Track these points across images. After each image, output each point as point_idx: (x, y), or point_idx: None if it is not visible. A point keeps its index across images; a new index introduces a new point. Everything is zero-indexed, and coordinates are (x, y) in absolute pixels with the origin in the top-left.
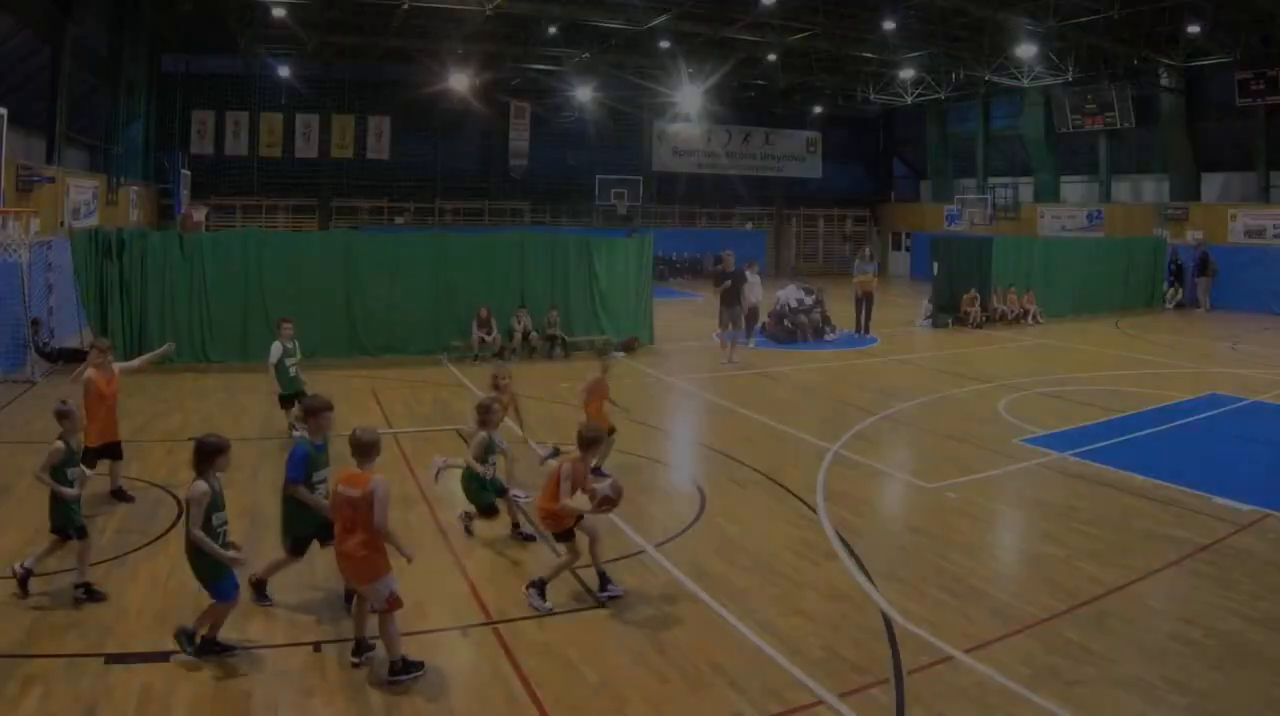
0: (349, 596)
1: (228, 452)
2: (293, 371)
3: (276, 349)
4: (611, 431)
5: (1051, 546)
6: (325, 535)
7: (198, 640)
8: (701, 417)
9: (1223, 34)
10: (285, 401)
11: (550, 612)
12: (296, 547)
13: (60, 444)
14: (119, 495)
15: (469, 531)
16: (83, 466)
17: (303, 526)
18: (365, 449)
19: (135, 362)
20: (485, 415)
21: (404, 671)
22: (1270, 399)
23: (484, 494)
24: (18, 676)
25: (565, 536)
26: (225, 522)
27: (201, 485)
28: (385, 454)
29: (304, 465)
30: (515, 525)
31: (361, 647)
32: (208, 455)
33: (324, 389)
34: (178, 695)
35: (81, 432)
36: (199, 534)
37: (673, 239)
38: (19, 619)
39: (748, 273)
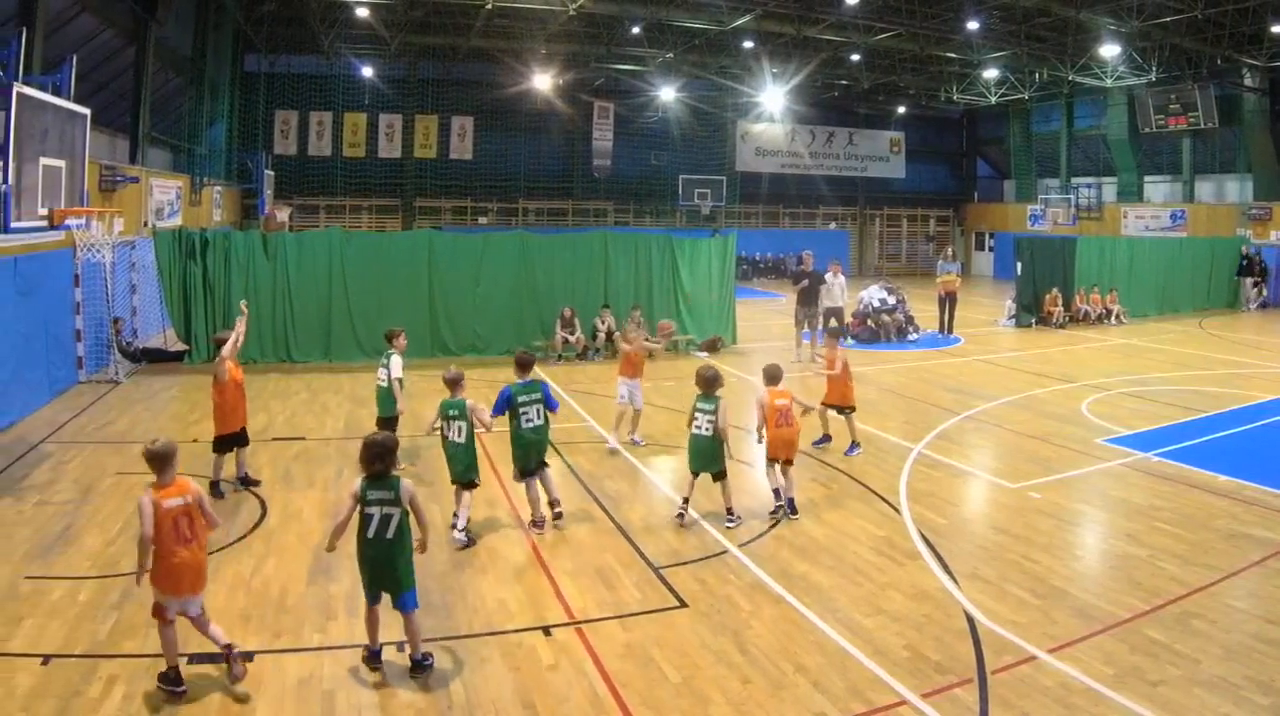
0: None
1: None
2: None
3: (398, 363)
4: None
5: (1134, 546)
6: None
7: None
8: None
9: None
10: (387, 423)
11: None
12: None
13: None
14: (246, 482)
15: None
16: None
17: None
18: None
19: (229, 341)
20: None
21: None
22: None
23: None
24: (100, 676)
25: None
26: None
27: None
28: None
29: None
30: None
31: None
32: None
33: (406, 388)
34: (261, 694)
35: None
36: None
37: (756, 239)
38: (102, 618)
39: (829, 275)
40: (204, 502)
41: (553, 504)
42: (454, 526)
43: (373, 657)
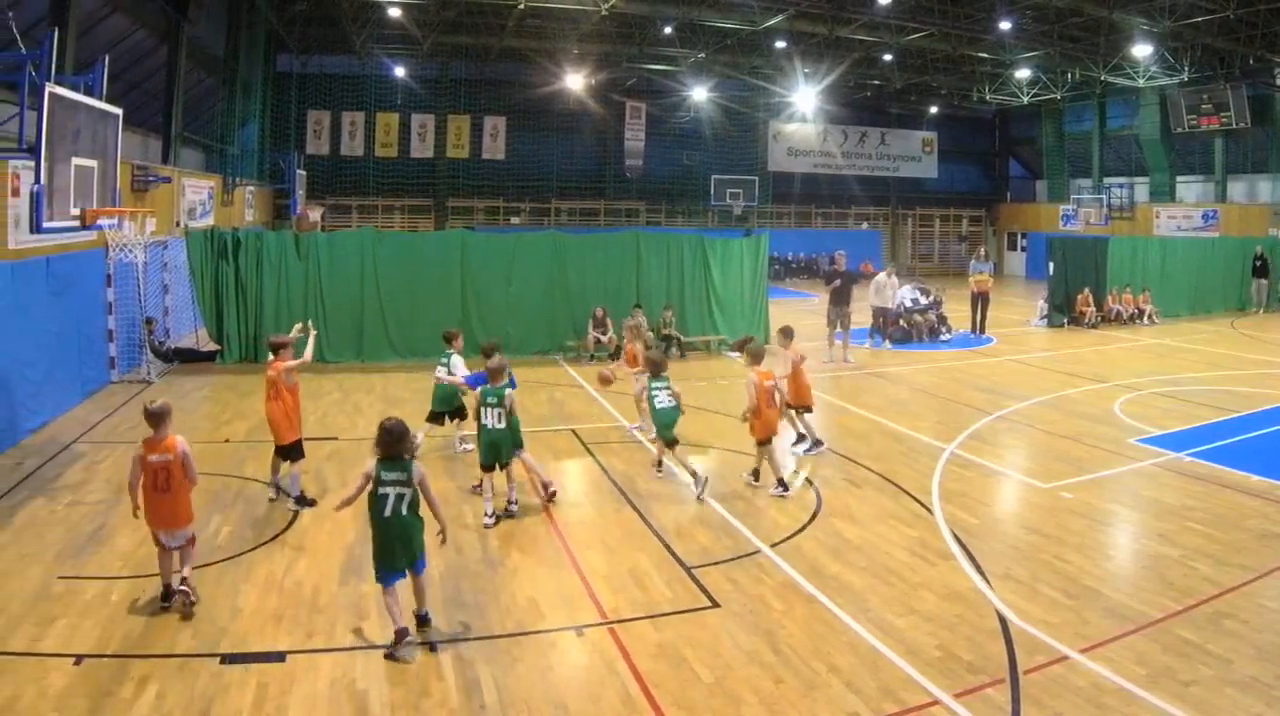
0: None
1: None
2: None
3: (460, 363)
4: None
5: (1166, 546)
6: None
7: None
8: (816, 417)
9: None
10: (438, 417)
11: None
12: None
13: None
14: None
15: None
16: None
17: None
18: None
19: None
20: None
21: None
22: None
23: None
24: (133, 676)
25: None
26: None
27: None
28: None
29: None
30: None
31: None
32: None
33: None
34: (292, 695)
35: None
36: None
37: (788, 239)
38: (134, 618)
39: (884, 275)
40: (187, 461)
41: (545, 486)
42: (504, 511)
43: (402, 635)
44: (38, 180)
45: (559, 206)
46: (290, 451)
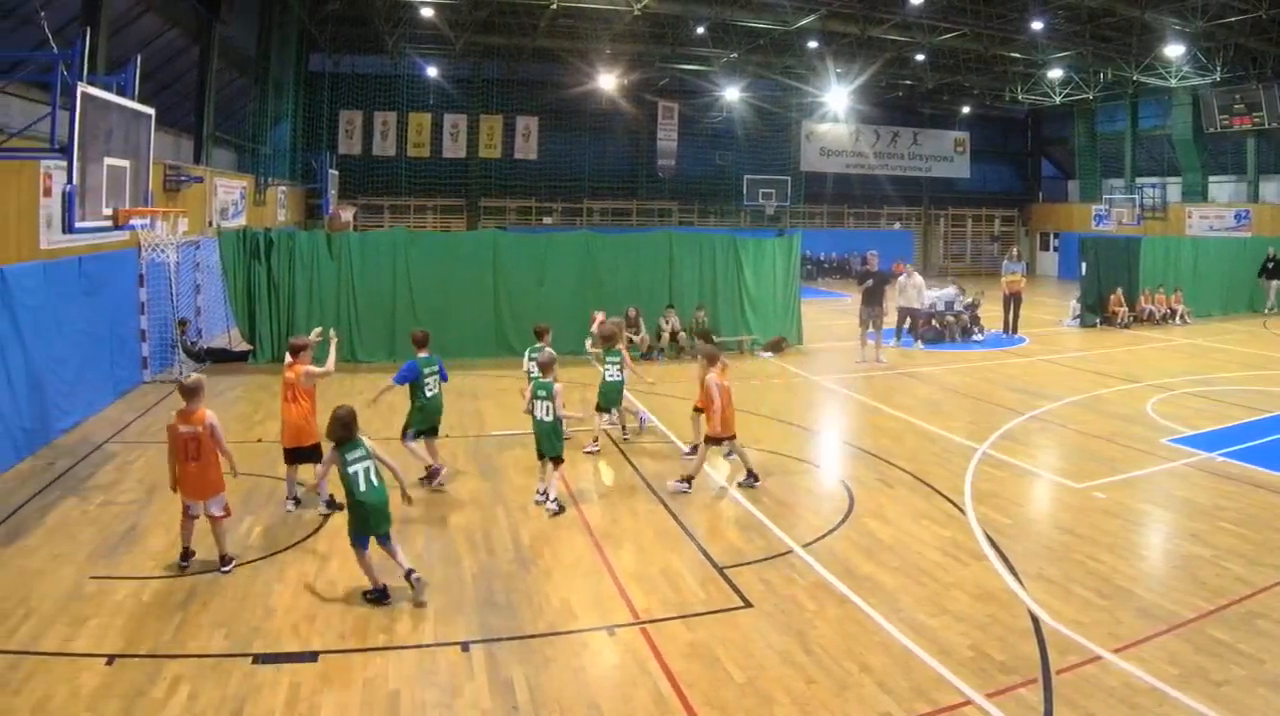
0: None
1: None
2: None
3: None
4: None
5: (1199, 546)
6: None
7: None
8: (849, 417)
9: None
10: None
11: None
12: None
13: None
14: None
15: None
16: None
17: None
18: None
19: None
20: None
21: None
22: None
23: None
24: (165, 676)
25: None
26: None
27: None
28: (531, 457)
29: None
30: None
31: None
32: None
33: (472, 388)
34: (325, 695)
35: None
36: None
37: (820, 239)
38: (167, 618)
39: (903, 277)
40: (215, 432)
41: (432, 470)
42: (545, 497)
43: (380, 594)
44: (70, 180)
45: (591, 206)
46: (310, 454)
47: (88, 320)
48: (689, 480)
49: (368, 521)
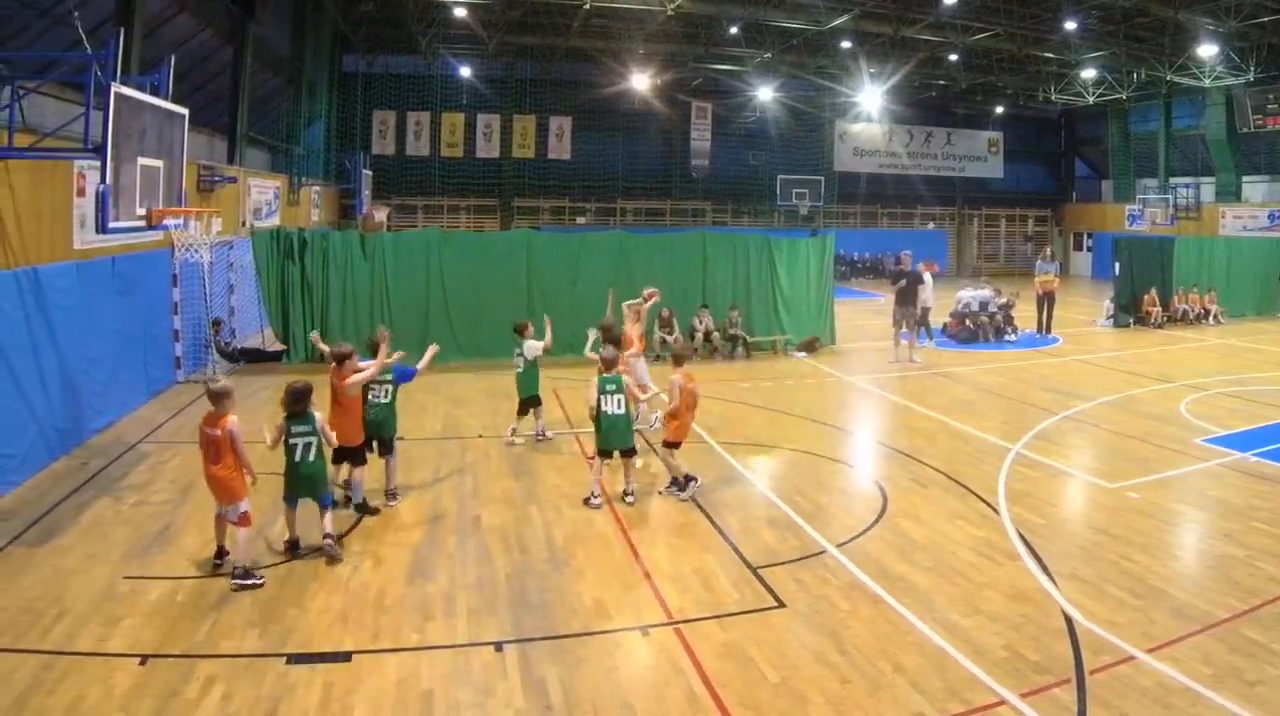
0: None
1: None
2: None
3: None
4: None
5: (1232, 546)
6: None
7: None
8: (882, 417)
9: None
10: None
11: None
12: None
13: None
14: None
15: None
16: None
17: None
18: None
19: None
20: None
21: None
22: None
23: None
24: (199, 676)
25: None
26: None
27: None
28: (565, 454)
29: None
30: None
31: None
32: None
33: (506, 387)
34: (359, 695)
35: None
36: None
37: (854, 239)
38: (200, 619)
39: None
40: (234, 440)
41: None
42: (625, 494)
43: (293, 547)
44: (103, 180)
45: (625, 206)
46: (352, 455)
47: (121, 320)
48: (677, 482)
49: (298, 487)
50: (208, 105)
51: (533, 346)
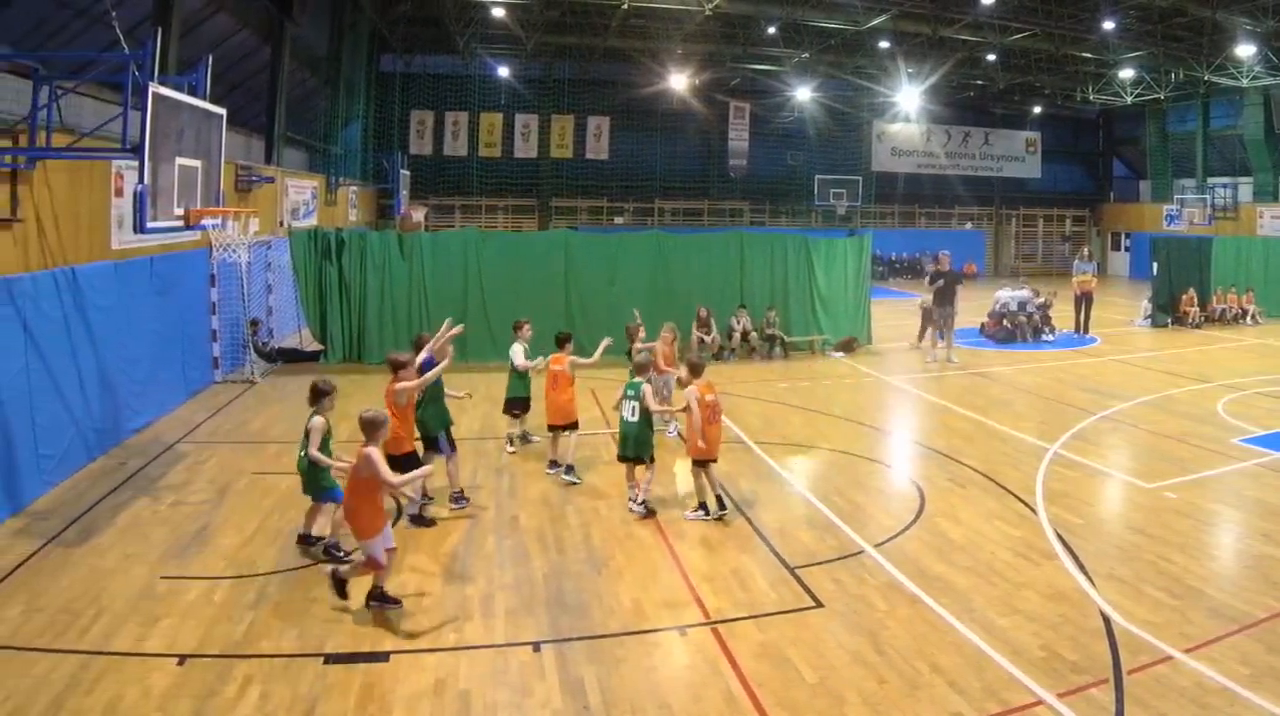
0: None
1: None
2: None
3: (518, 350)
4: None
5: (1270, 546)
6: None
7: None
8: (920, 417)
9: None
10: (513, 404)
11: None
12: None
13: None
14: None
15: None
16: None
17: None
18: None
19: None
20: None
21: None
22: None
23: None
24: (236, 676)
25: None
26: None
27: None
28: (604, 456)
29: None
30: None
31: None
32: (319, 395)
33: (541, 387)
34: (396, 695)
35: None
36: (316, 453)
37: (891, 239)
38: (238, 619)
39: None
40: (357, 470)
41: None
42: (639, 503)
43: (305, 540)
44: (141, 180)
45: (663, 206)
46: (404, 463)
47: (159, 320)
48: (704, 505)
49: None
50: (245, 105)
51: (516, 350)
